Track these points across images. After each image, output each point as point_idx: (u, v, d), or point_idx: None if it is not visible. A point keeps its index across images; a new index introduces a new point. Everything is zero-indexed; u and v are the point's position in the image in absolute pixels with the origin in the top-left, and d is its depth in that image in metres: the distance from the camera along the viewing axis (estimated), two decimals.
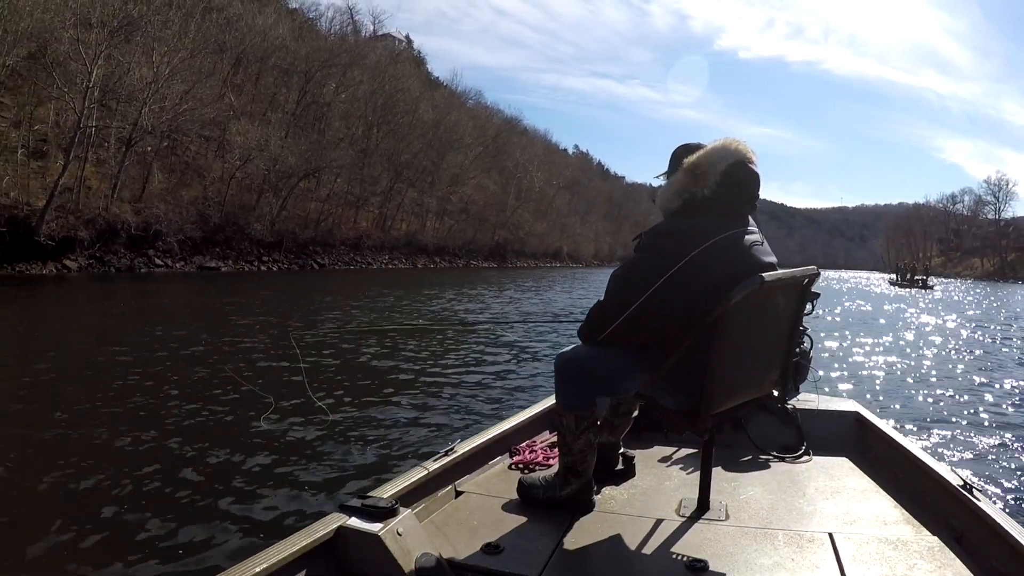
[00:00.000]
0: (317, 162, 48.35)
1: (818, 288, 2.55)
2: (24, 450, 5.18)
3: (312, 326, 13.30)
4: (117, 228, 33.08)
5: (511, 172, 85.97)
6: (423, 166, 64.21)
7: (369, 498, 2.13)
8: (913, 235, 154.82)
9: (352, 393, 7.51)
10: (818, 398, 3.69)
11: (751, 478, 2.94)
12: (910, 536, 2.30)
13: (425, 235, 64.53)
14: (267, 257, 42.90)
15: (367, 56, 62.76)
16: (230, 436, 5.59)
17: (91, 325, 13.87)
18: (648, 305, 2.20)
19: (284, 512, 4.03)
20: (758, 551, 2.18)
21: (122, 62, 34.75)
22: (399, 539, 1.96)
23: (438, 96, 75.65)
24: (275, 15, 56.71)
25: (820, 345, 13.12)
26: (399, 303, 20.51)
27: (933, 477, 2.64)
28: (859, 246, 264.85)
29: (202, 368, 8.64)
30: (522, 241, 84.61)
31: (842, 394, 7.01)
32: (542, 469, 2.94)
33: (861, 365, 11.53)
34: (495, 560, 2.12)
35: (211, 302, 19.73)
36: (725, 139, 2.33)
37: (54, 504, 4.11)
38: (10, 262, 28.05)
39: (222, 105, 43.41)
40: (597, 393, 2.50)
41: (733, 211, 2.31)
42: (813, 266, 2.47)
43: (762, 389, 2.55)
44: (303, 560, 1.88)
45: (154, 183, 38.18)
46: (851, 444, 3.41)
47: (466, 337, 12.38)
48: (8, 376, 8.09)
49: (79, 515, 3.91)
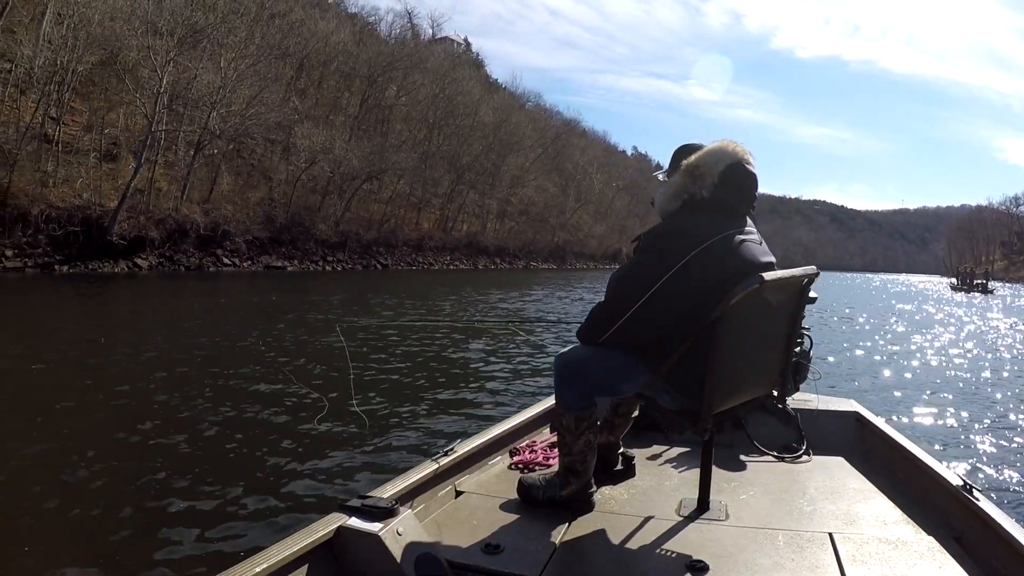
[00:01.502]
0: (380, 164, 48.65)
1: (875, 290, 1.89)
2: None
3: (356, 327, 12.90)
4: (186, 228, 33.67)
5: (571, 174, 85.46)
6: (484, 168, 64.18)
7: (369, 498, 2.12)
8: (975, 238, 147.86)
9: (383, 391, 7.39)
10: (818, 398, 3.67)
11: (751, 478, 2.93)
12: (910, 536, 2.29)
13: (486, 236, 64.55)
14: (331, 257, 43.23)
15: (427, 60, 63.08)
16: (231, 435, 5.54)
17: (161, 320, 14.09)
18: (648, 306, 2.20)
19: (284, 512, 3.99)
20: (758, 551, 2.16)
21: (189, 68, 35.44)
22: (399, 539, 1.95)
23: (498, 99, 75.62)
24: (336, 20, 57.49)
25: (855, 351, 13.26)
26: (466, 303, 20.19)
27: (933, 477, 2.63)
28: (921, 249, 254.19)
29: (226, 367, 8.57)
30: (581, 243, 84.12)
31: (841, 395, 6.96)
32: (542, 469, 2.94)
33: (890, 365, 11.52)
34: (495, 560, 2.10)
35: (283, 301, 19.91)
36: (723, 140, 2.34)
37: (51, 502, 4.05)
38: (83, 260, 28.71)
39: (287, 109, 43.95)
40: (597, 394, 2.47)
41: (731, 212, 2.30)
42: (812, 266, 2.41)
43: (762, 389, 2.54)
44: (303, 560, 1.87)
45: (222, 185, 38.85)
46: (851, 444, 3.42)
47: (498, 336, 11.97)
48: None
49: (78, 513, 3.90)
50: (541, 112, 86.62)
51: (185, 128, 36.33)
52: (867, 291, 49.06)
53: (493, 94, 76.97)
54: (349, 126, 51.13)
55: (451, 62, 69.66)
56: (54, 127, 31.37)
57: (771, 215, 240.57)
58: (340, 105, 53.83)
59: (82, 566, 3.24)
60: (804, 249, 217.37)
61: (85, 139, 32.77)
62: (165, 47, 33.51)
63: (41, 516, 3.81)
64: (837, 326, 18.49)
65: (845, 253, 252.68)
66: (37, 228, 27.90)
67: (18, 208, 27.43)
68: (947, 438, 6.57)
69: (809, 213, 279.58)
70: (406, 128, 59.39)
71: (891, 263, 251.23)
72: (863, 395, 7.90)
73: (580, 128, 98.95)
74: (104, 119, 34.31)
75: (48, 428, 5.60)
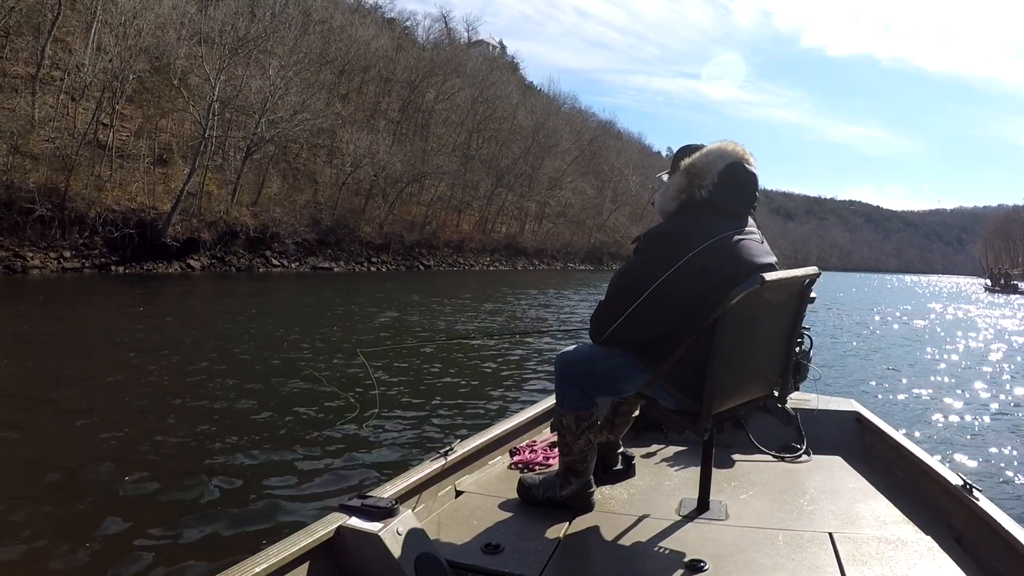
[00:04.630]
0: (423, 168, 49.17)
1: (907, 290, 1.78)
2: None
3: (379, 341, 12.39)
4: (236, 230, 34.44)
5: (607, 176, 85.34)
6: (522, 171, 64.47)
7: (369, 498, 2.11)
8: (1012, 239, 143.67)
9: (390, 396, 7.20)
10: (818, 398, 3.63)
11: (751, 478, 2.91)
12: (910, 536, 2.28)
13: (524, 238, 64.89)
14: (376, 259, 43.80)
15: (466, 64, 63.56)
16: (231, 435, 5.50)
17: (209, 318, 14.24)
18: (647, 306, 2.19)
19: (284, 512, 3.97)
20: (758, 551, 2.15)
21: (236, 76, 36.23)
22: (399, 539, 1.94)
23: (534, 101, 75.89)
24: (374, 26, 58.17)
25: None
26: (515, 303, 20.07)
27: (933, 477, 2.62)
28: (958, 250, 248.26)
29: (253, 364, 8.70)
30: (618, 244, 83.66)
31: (842, 393, 7.02)
32: (542, 469, 2.93)
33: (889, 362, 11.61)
34: (495, 560, 2.10)
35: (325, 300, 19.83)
36: (723, 141, 2.33)
37: (48, 498, 4.05)
38: (139, 261, 29.45)
39: (330, 114, 44.56)
40: (597, 393, 2.46)
41: (731, 212, 2.29)
42: (814, 267, 2.40)
43: (762, 389, 2.53)
44: (303, 560, 1.87)
45: (270, 188, 39.59)
46: (851, 444, 3.40)
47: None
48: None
49: (76, 510, 3.88)
50: (577, 115, 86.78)
51: (235, 134, 37.17)
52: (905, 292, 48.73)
53: (530, 97, 77.21)
54: (391, 131, 51.70)
55: (488, 66, 70.10)
56: (106, 133, 32.22)
57: (806, 216, 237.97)
58: (380, 109, 54.50)
59: (82, 566, 3.23)
60: (840, 251, 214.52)
61: (138, 144, 33.66)
62: (220, 56, 34.45)
63: (38, 514, 3.79)
64: (848, 327, 18.41)
65: (881, 254, 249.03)
66: (94, 230, 28.79)
67: (75, 211, 28.31)
68: (947, 438, 6.58)
69: (845, 214, 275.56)
70: (446, 132, 59.96)
71: (928, 264, 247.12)
72: (862, 394, 8.09)
73: (616, 130, 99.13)
74: (156, 125, 35.21)
75: (43, 423, 5.70)
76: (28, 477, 4.41)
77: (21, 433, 5.49)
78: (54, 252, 27.06)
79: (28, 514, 3.78)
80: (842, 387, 8.49)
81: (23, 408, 6.37)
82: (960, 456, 5.84)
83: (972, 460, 5.75)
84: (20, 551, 3.33)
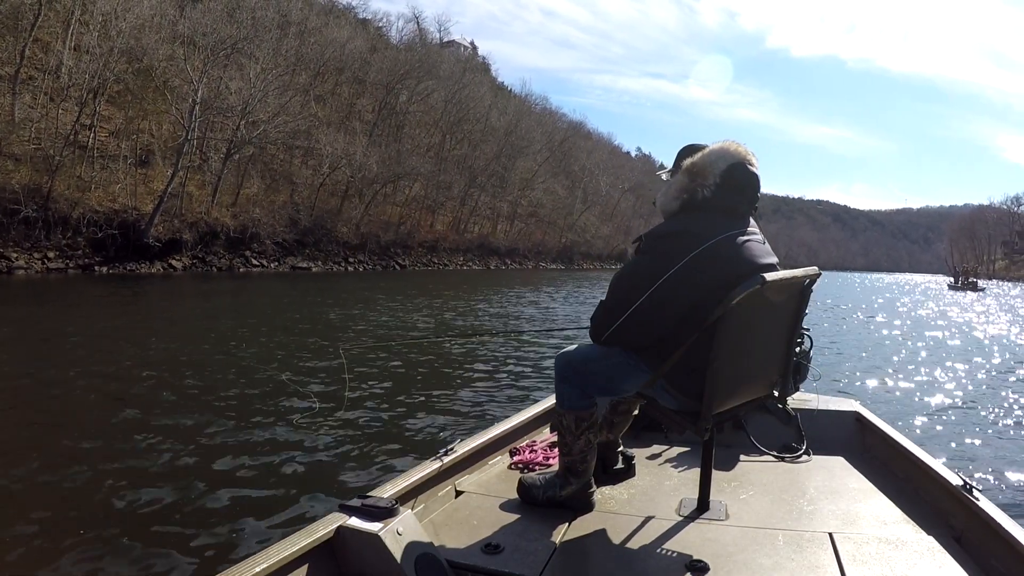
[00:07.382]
0: (398, 169, 49.79)
1: (878, 290, 2.47)
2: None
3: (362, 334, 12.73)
4: (217, 231, 34.96)
5: (577, 176, 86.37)
6: (494, 171, 65.20)
7: (369, 498, 2.12)
8: (977, 238, 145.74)
9: (367, 393, 7.26)
10: (818, 398, 3.63)
11: (751, 478, 2.92)
12: (910, 536, 2.29)
13: (497, 238, 65.67)
14: (352, 259, 44.38)
15: (440, 66, 64.09)
16: (231, 435, 5.51)
17: (170, 320, 14.29)
18: (648, 305, 2.21)
19: (284, 512, 3.94)
20: (758, 551, 2.17)
21: (215, 78, 36.88)
22: (399, 539, 1.96)
23: (506, 103, 76.70)
24: (349, 27, 58.57)
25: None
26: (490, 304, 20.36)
27: (933, 477, 2.63)
28: (924, 249, 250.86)
29: (244, 364, 8.73)
30: (588, 243, 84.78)
31: (843, 392, 7.05)
32: (542, 469, 2.91)
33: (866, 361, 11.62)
34: (495, 560, 2.11)
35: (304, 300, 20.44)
36: (724, 141, 2.35)
37: (45, 503, 3.98)
38: (121, 262, 29.97)
39: (307, 115, 45.13)
40: (597, 393, 2.48)
41: (733, 212, 2.30)
42: (814, 267, 2.44)
43: (762, 389, 2.55)
44: (303, 560, 1.88)
45: (250, 189, 40.04)
46: (851, 444, 3.40)
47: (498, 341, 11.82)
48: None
49: (75, 514, 3.85)
50: (548, 115, 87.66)
51: (215, 136, 37.78)
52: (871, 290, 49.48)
53: (501, 99, 77.89)
54: (367, 132, 52.26)
55: (461, 67, 70.69)
56: (87, 134, 32.58)
57: (774, 215, 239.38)
58: (355, 111, 55.01)
59: (81, 566, 3.22)
60: (808, 249, 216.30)
61: (119, 146, 34.04)
62: (203, 59, 35.11)
63: (37, 518, 3.75)
64: (833, 323, 19.22)
65: (848, 253, 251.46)
66: (77, 231, 29.16)
67: (59, 212, 28.63)
68: (947, 437, 6.51)
69: (812, 213, 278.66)
70: (420, 133, 60.58)
71: (894, 263, 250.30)
72: (859, 391, 8.22)
73: (586, 131, 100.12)
74: (138, 126, 35.58)
75: (37, 429, 5.70)
76: (21, 478, 4.37)
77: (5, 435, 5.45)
78: (38, 253, 27.47)
79: (23, 518, 3.73)
80: (827, 384, 8.40)
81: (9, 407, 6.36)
82: (960, 456, 5.80)
83: (972, 460, 5.69)
84: (18, 553, 3.33)
